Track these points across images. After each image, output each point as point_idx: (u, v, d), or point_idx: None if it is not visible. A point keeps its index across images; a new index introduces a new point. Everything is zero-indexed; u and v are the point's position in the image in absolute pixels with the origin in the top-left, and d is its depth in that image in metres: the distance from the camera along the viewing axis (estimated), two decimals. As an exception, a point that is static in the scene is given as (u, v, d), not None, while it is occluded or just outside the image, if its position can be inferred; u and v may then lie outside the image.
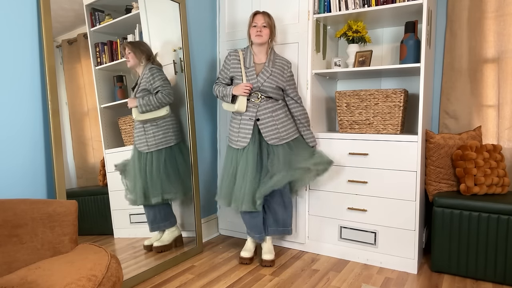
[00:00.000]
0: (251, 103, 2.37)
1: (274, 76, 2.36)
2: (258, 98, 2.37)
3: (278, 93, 2.39)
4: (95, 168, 2.03)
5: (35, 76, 1.78)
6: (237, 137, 2.38)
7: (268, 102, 2.38)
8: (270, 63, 2.39)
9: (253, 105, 2.37)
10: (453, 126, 2.67)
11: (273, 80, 2.36)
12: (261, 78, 2.35)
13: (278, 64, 2.41)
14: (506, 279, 2.13)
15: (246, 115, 2.38)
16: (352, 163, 2.50)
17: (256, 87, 2.35)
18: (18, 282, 1.14)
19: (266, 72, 2.36)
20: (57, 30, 1.85)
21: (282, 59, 2.44)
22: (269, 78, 2.35)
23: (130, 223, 2.19)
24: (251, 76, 2.36)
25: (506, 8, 2.46)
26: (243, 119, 2.38)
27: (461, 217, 2.22)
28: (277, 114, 2.39)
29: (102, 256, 1.34)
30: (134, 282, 2.13)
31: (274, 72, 2.37)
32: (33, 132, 1.78)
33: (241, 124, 2.38)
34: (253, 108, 2.37)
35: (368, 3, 2.44)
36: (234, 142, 2.41)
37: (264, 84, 2.34)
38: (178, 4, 2.55)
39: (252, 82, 2.34)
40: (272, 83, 2.35)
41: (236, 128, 2.40)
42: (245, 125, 2.37)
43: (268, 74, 2.36)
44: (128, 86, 2.23)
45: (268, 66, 2.37)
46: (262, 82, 2.34)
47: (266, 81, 2.35)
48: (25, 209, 1.41)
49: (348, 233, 2.54)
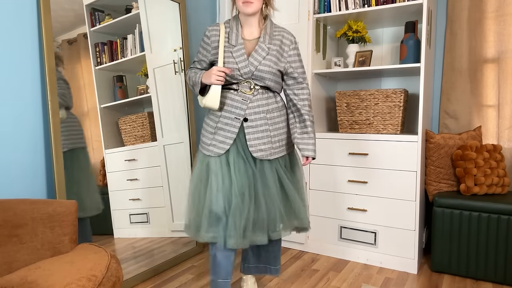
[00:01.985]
0: (239, 95, 1.70)
1: (273, 55, 1.70)
2: (250, 88, 1.70)
3: (277, 81, 1.76)
4: (95, 168, 2.03)
5: (35, 76, 1.78)
6: (211, 140, 1.73)
7: (263, 96, 1.73)
8: (267, 37, 1.71)
9: (242, 98, 1.70)
10: (453, 126, 2.67)
11: (272, 62, 1.69)
12: (255, 59, 1.67)
13: (277, 38, 1.74)
14: (506, 279, 2.13)
15: (229, 111, 1.71)
16: (352, 163, 2.50)
17: (248, 72, 1.67)
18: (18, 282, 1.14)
19: (262, 50, 1.68)
20: (57, 30, 1.85)
21: (283, 31, 1.77)
22: (267, 58, 1.68)
23: (130, 223, 2.19)
24: (239, 57, 1.68)
25: (506, 8, 2.46)
26: (224, 116, 1.71)
27: (461, 217, 2.22)
28: (272, 116, 1.75)
29: (102, 256, 1.34)
30: (134, 282, 2.13)
31: (272, 49, 1.70)
32: (33, 132, 1.78)
33: (219, 123, 1.72)
34: (241, 103, 1.70)
35: (368, 3, 2.44)
36: (206, 146, 1.74)
37: (259, 68, 1.67)
38: (178, 4, 2.55)
39: (241, 66, 1.67)
40: (272, 65, 1.69)
41: (211, 127, 1.74)
42: (225, 125, 1.71)
43: (265, 53, 1.68)
44: (128, 86, 2.23)
45: (264, 42, 1.70)
46: (256, 65, 1.67)
47: (263, 63, 1.67)
48: (25, 209, 1.41)
49: (348, 233, 2.54)
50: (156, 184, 2.36)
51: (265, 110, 1.73)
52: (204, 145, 1.75)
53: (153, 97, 2.36)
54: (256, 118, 1.71)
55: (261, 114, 1.72)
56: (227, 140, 1.70)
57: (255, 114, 1.71)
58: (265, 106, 1.73)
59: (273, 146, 1.74)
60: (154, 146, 2.35)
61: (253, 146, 1.70)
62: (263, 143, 1.72)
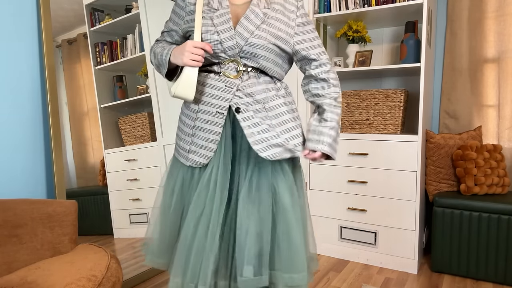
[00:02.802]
0: (222, 80, 1.21)
1: (271, 25, 1.20)
2: (238, 71, 1.21)
3: (277, 62, 1.25)
4: (95, 168, 2.03)
5: (35, 76, 1.78)
6: (189, 144, 1.27)
7: (257, 81, 1.22)
8: (262, 1, 1.23)
9: (226, 85, 1.21)
10: (453, 126, 2.66)
11: (270, 34, 1.19)
12: (245, 28, 1.18)
13: (276, 1, 1.25)
14: (506, 279, 2.13)
15: (209, 104, 1.22)
16: (352, 163, 2.49)
17: (233, 46, 1.18)
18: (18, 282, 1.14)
19: (255, 16, 1.20)
20: (57, 30, 1.85)
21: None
22: (262, 28, 1.19)
23: (130, 223, 2.19)
24: (222, 25, 1.19)
25: (506, 8, 2.46)
26: (202, 111, 1.24)
27: (462, 217, 2.22)
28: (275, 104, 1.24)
29: (102, 256, 1.34)
30: (134, 282, 2.13)
31: (270, 16, 1.21)
32: (33, 132, 1.78)
33: (197, 121, 1.25)
34: (224, 91, 1.21)
35: (368, 3, 2.44)
36: (184, 153, 1.28)
37: (251, 42, 1.18)
38: (178, 4, 2.55)
39: (224, 38, 1.18)
40: (269, 38, 1.19)
41: (188, 127, 1.28)
42: (205, 123, 1.23)
43: (259, 20, 1.19)
44: (128, 86, 2.23)
45: (258, 5, 1.21)
46: (247, 37, 1.18)
47: (256, 34, 1.18)
48: (25, 209, 1.41)
49: (348, 233, 2.53)
50: (156, 184, 2.36)
51: (261, 99, 1.21)
52: (182, 151, 1.29)
53: (153, 97, 2.35)
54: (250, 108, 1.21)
55: (256, 105, 1.21)
56: (210, 145, 1.22)
57: (247, 104, 1.20)
58: (261, 93, 1.21)
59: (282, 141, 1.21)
60: (154, 146, 2.35)
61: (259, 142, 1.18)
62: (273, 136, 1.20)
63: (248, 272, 1.17)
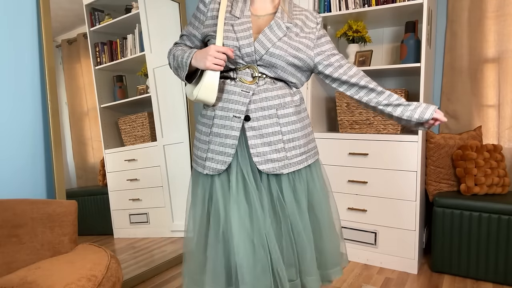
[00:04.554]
0: (238, 85, 1.25)
1: (291, 39, 1.25)
2: (253, 77, 1.25)
3: (295, 74, 1.30)
4: (95, 168, 2.03)
5: (35, 76, 1.78)
6: (206, 152, 1.28)
7: (272, 86, 1.26)
8: (285, 15, 1.29)
9: (242, 89, 1.24)
10: (453, 126, 2.66)
11: (292, 47, 1.24)
12: (267, 38, 1.23)
13: (298, 17, 1.32)
14: (507, 279, 2.13)
15: (226, 108, 1.25)
16: (352, 163, 2.49)
17: (251, 53, 1.22)
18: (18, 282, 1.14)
19: (278, 28, 1.25)
20: (57, 30, 1.85)
21: (305, 10, 1.37)
22: (283, 40, 1.24)
23: (130, 223, 2.19)
24: (242, 32, 1.24)
25: (506, 8, 2.46)
26: (218, 116, 1.26)
27: (462, 217, 2.22)
28: (287, 112, 1.27)
29: (102, 256, 1.34)
30: (134, 282, 2.13)
31: (292, 31, 1.27)
32: (33, 132, 1.78)
33: (214, 127, 1.27)
34: (241, 95, 1.24)
35: (368, 3, 2.44)
36: (201, 161, 1.30)
37: (272, 52, 1.22)
38: (178, 4, 2.55)
39: (243, 44, 1.22)
40: (290, 51, 1.24)
41: (205, 134, 1.30)
42: (221, 128, 1.26)
43: (282, 33, 1.25)
44: (128, 86, 2.23)
45: (282, 18, 1.27)
46: (268, 47, 1.22)
47: (277, 45, 1.23)
48: (24, 209, 1.41)
49: (348, 233, 2.53)
50: (156, 184, 2.36)
51: (275, 104, 1.25)
52: (199, 160, 1.30)
53: (153, 97, 2.35)
54: (263, 116, 1.24)
55: (269, 110, 1.24)
56: (227, 150, 1.23)
57: (261, 110, 1.23)
58: (275, 99, 1.25)
59: (287, 154, 1.25)
60: (154, 146, 2.35)
61: (258, 155, 1.23)
62: (273, 151, 1.24)
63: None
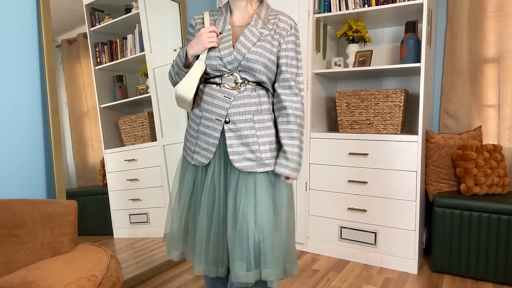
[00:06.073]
0: (221, 91, 1.39)
1: (266, 41, 1.38)
2: (236, 83, 1.38)
3: (271, 77, 1.42)
4: (95, 168, 2.03)
5: (34, 76, 1.78)
6: (194, 146, 1.46)
7: (252, 94, 1.39)
8: (260, 22, 1.41)
9: (224, 95, 1.38)
10: (453, 126, 2.66)
11: (266, 50, 1.37)
12: (242, 45, 1.37)
13: (272, 21, 1.43)
14: (507, 279, 2.13)
15: (210, 111, 1.40)
16: (352, 163, 2.49)
17: (232, 60, 1.36)
18: (18, 282, 1.14)
19: (252, 35, 1.38)
20: (57, 30, 1.85)
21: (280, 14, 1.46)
22: (258, 45, 1.37)
23: (130, 223, 2.19)
24: (223, 44, 1.38)
25: (506, 8, 2.46)
26: (204, 118, 1.42)
27: (462, 217, 2.22)
28: (262, 118, 1.40)
29: (102, 256, 1.34)
30: (134, 282, 2.13)
31: (265, 35, 1.39)
32: (33, 132, 1.78)
33: (200, 126, 1.43)
34: (223, 100, 1.38)
35: (368, 3, 2.44)
36: (190, 153, 1.48)
37: (248, 57, 1.36)
38: (178, 4, 2.55)
39: (224, 54, 1.37)
40: (264, 54, 1.36)
41: (194, 131, 1.47)
42: (206, 128, 1.41)
43: (255, 38, 1.38)
44: (128, 86, 2.23)
45: (255, 25, 1.40)
46: (244, 53, 1.36)
47: (252, 51, 1.36)
48: (24, 209, 1.41)
49: (348, 233, 2.53)
50: (156, 184, 2.36)
51: (252, 110, 1.38)
52: (188, 151, 1.49)
53: (153, 97, 2.35)
54: (240, 120, 1.37)
55: (246, 115, 1.38)
56: (210, 147, 1.41)
57: (239, 114, 1.37)
58: (253, 105, 1.38)
59: (261, 156, 1.37)
60: (154, 146, 2.35)
61: (235, 153, 1.37)
62: (249, 151, 1.37)
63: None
